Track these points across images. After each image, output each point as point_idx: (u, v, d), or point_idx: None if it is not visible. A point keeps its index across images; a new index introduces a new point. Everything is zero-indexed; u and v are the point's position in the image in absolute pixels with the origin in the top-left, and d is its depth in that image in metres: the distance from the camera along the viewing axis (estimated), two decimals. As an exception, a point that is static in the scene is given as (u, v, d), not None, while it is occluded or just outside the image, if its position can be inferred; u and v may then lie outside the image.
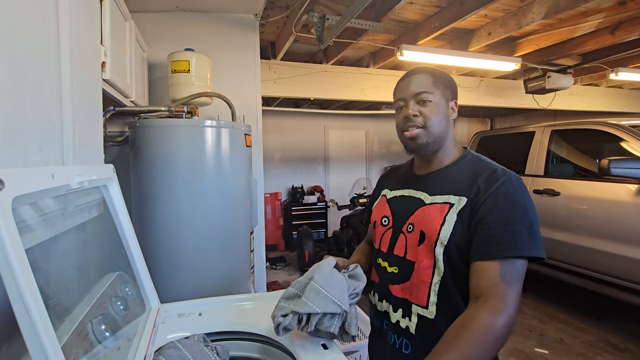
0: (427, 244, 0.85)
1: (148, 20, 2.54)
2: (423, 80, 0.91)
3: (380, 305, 0.97)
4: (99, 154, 1.20)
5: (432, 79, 0.91)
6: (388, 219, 0.98)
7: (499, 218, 0.78)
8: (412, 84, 0.92)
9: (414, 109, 0.90)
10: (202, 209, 1.81)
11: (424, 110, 0.90)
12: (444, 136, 0.92)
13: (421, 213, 0.89)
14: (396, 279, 0.92)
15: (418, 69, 0.95)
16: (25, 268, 0.48)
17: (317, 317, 0.89)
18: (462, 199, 0.84)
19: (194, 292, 1.71)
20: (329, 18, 2.74)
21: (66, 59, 0.88)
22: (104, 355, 0.72)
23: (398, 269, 0.92)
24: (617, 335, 2.78)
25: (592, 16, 2.98)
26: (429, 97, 0.89)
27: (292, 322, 0.88)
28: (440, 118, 0.90)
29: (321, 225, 6.01)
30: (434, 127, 0.89)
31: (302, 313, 0.88)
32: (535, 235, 0.78)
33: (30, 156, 0.71)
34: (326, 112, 6.10)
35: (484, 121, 7.92)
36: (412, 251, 0.89)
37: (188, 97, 2.04)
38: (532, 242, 0.77)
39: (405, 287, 0.90)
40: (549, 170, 3.28)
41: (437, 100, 0.90)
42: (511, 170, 0.86)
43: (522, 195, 0.80)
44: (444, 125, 0.91)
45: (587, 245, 2.84)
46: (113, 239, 1.01)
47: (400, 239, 0.92)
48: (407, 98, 0.92)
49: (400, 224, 0.94)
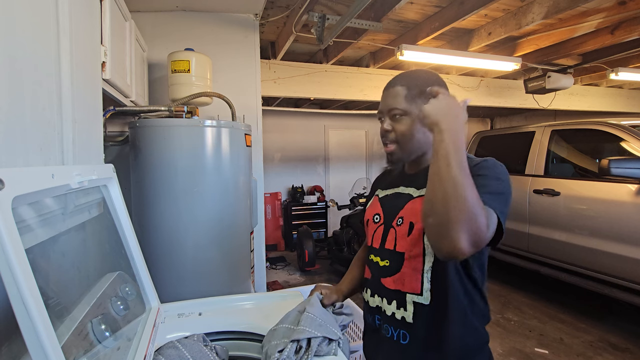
0: (415, 233, 0.87)
1: (148, 20, 2.54)
2: (395, 95, 0.91)
3: (372, 300, 0.98)
4: (99, 153, 1.20)
5: (406, 91, 0.90)
6: (379, 216, 1.00)
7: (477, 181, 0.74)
8: (388, 97, 0.93)
9: (388, 125, 0.92)
10: (202, 208, 1.81)
11: (397, 126, 0.91)
12: (423, 144, 0.92)
13: (411, 206, 0.91)
14: (388, 271, 0.93)
15: (396, 79, 0.94)
16: (25, 268, 0.48)
17: (318, 342, 0.90)
18: None
19: (194, 291, 1.71)
20: (329, 18, 2.74)
21: (66, 58, 0.88)
22: (104, 355, 0.72)
23: (389, 261, 0.93)
24: (617, 335, 2.78)
25: (592, 16, 2.98)
26: (398, 112, 0.90)
27: (290, 353, 0.88)
28: (413, 132, 0.90)
29: (321, 225, 6.01)
30: (408, 142, 0.91)
31: (301, 339, 0.90)
32: (502, 202, 0.77)
33: (30, 156, 0.71)
34: (326, 112, 6.10)
35: (484, 121, 7.92)
36: (402, 242, 0.91)
37: (188, 97, 2.04)
38: (497, 204, 0.76)
39: (397, 278, 0.91)
40: (549, 170, 3.28)
41: (410, 113, 0.89)
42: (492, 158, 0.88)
43: (501, 172, 0.82)
44: (419, 136, 0.91)
45: (587, 245, 2.84)
46: (113, 239, 1.01)
47: (391, 233, 0.94)
48: (383, 112, 0.94)
49: (391, 219, 0.95)
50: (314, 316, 0.96)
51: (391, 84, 0.94)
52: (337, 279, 4.18)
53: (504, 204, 0.78)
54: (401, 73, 0.97)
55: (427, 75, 0.93)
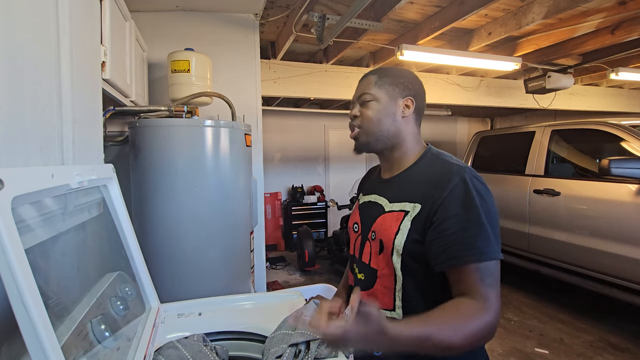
0: (385, 253, 0.85)
1: (148, 20, 2.54)
2: (366, 82, 0.92)
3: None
4: (99, 153, 1.20)
5: (376, 79, 0.91)
6: (358, 225, 0.99)
7: (454, 224, 0.75)
8: (359, 86, 0.94)
9: (357, 111, 0.92)
10: (202, 208, 1.81)
11: (363, 110, 0.91)
12: (392, 134, 0.90)
13: (381, 221, 0.88)
14: (363, 285, 0.92)
15: (370, 71, 0.96)
16: (25, 268, 0.48)
17: (317, 344, 0.90)
18: (416, 206, 0.82)
19: (194, 291, 1.71)
20: (329, 18, 2.74)
21: (66, 58, 0.88)
22: (104, 355, 0.72)
23: (364, 276, 0.92)
24: (617, 335, 2.78)
25: (592, 16, 2.98)
26: (368, 98, 0.90)
27: (289, 358, 0.88)
28: (380, 117, 0.89)
29: (321, 225, 6.01)
30: (372, 126, 0.89)
31: (300, 343, 0.90)
32: (490, 238, 0.75)
33: (30, 156, 0.71)
34: (326, 112, 6.10)
35: (484, 121, 7.92)
36: (375, 259, 0.89)
37: (188, 96, 2.04)
38: (486, 246, 0.74)
39: (370, 294, 0.89)
40: (549, 170, 3.28)
41: (378, 99, 0.89)
42: (467, 166, 0.82)
43: (474, 197, 0.76)
44: (387, 124, 0.89)
45: (587, 245, 2.84)
46: (113, 239, 1.01)
47: (367, 246, 0.93)
48: (353, 100, 0.95)
49: (366, 231, 0.94)
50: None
51: (365, 75, 0.95)
52: (337, 278, 4.18)
53: (491, 234, 0.75)
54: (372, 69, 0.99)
55: (401, 70, 0.94)
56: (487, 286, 0.73)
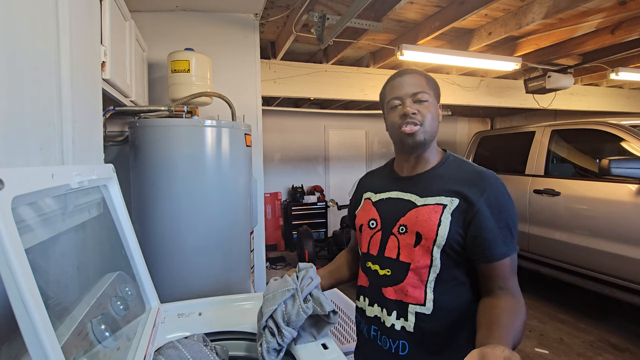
0: (424, 245, 0.87)
1: (148, 20, 2.54)
2: (418, 80, 0.94)
3: (370, 310, 0.96)
4: (99, 153, 1.20)
5: (426, 80, 0.95)
6: (376, 221, 0.98)
7: (493, 223, 0.84)
8: (408, 83, 0.94)
9: (413, 107, 0.92)
10: (202, 208, 1.81)
11: (421, 108, 0.92)
12: (435, 136, 0.96)
13: (415, 214, 0.90)
14: (389, 281, 0.91)
15: (409, 69, 0.98)
16: (25, 268, 0.48)
17: (273, 310, 0.91)
18: (454, 200, 0.87)
19: (194, 291, 1.71)
20: (329, 18, 2.74)
21: (66, 58, 0.88)
22: (104, 355, 0.72)
23: (391, 271, 0.91)
24: (617, 335, 2.78)
25: (592, 16, 2.98)
26: (425, 97, 0.92)
27: (268, 338, 0.90)
28: (434, 117, 0.94)
29: (321, 225, 6.01)
30: (430, 125, 0.92)
31: (262, 321, 0.92)
32: (514, 235, 0.87)
33: (30, 156, 0.71)
34: (326, 112, 6.10)
35: (484, 121, 7.92)
36: (407, 252, 0.89)
37: (188, 96, 2.04)
38: (513, 241, 0.87)
39: (399, 289, 0.89)
40: (549, 170, 3.28)
41: (431, 100, 0.93)
42: (491, 171, 0.92)
43: (508, 199, 0.88)
44: (436, 124, 0.95)
45: (587, 245, 2.84)
46: (113, 239, 1.01)
47: (392, 241, 0.92)
48: (403, 97, 0.93)
49: (390, 225, 0.94)
50: (264, 295, 0.98)
51: (407, 71, 0.96)
52: (337, 279, 4.17)
53: (516, 230, 0.87)
54: (407, 68, 1.01)
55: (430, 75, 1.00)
56: (513, 274, 0.85)
